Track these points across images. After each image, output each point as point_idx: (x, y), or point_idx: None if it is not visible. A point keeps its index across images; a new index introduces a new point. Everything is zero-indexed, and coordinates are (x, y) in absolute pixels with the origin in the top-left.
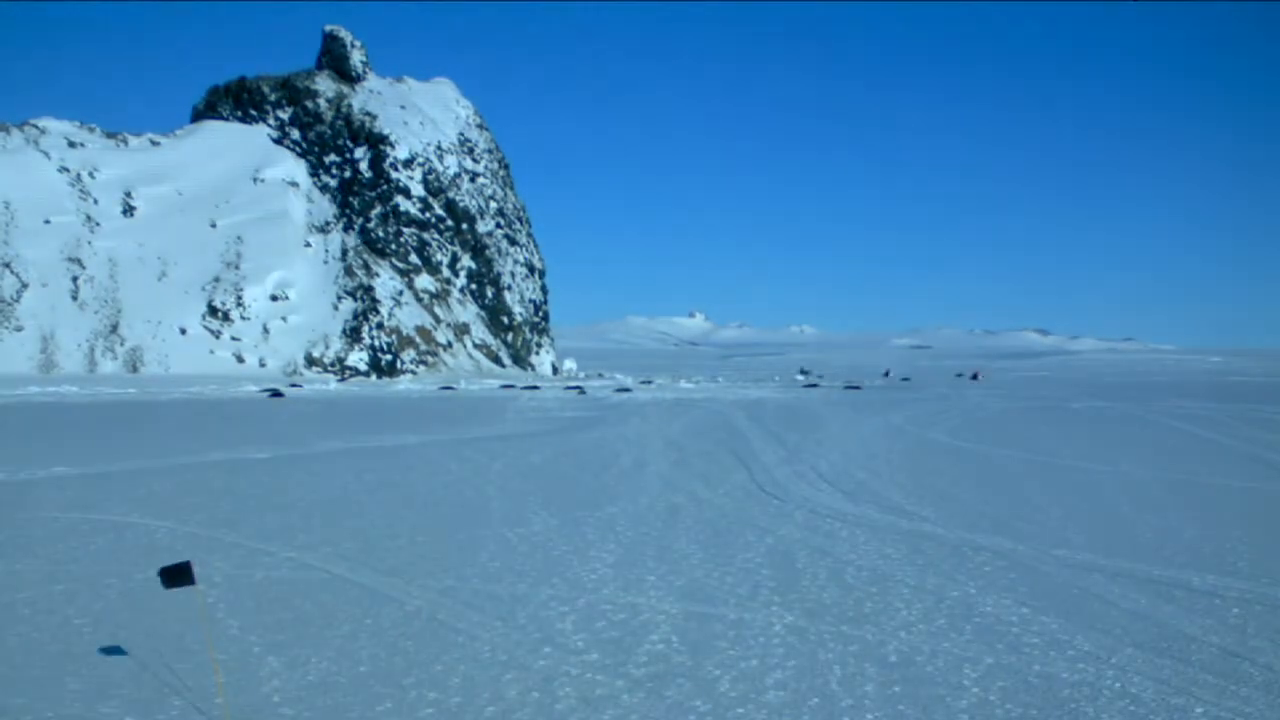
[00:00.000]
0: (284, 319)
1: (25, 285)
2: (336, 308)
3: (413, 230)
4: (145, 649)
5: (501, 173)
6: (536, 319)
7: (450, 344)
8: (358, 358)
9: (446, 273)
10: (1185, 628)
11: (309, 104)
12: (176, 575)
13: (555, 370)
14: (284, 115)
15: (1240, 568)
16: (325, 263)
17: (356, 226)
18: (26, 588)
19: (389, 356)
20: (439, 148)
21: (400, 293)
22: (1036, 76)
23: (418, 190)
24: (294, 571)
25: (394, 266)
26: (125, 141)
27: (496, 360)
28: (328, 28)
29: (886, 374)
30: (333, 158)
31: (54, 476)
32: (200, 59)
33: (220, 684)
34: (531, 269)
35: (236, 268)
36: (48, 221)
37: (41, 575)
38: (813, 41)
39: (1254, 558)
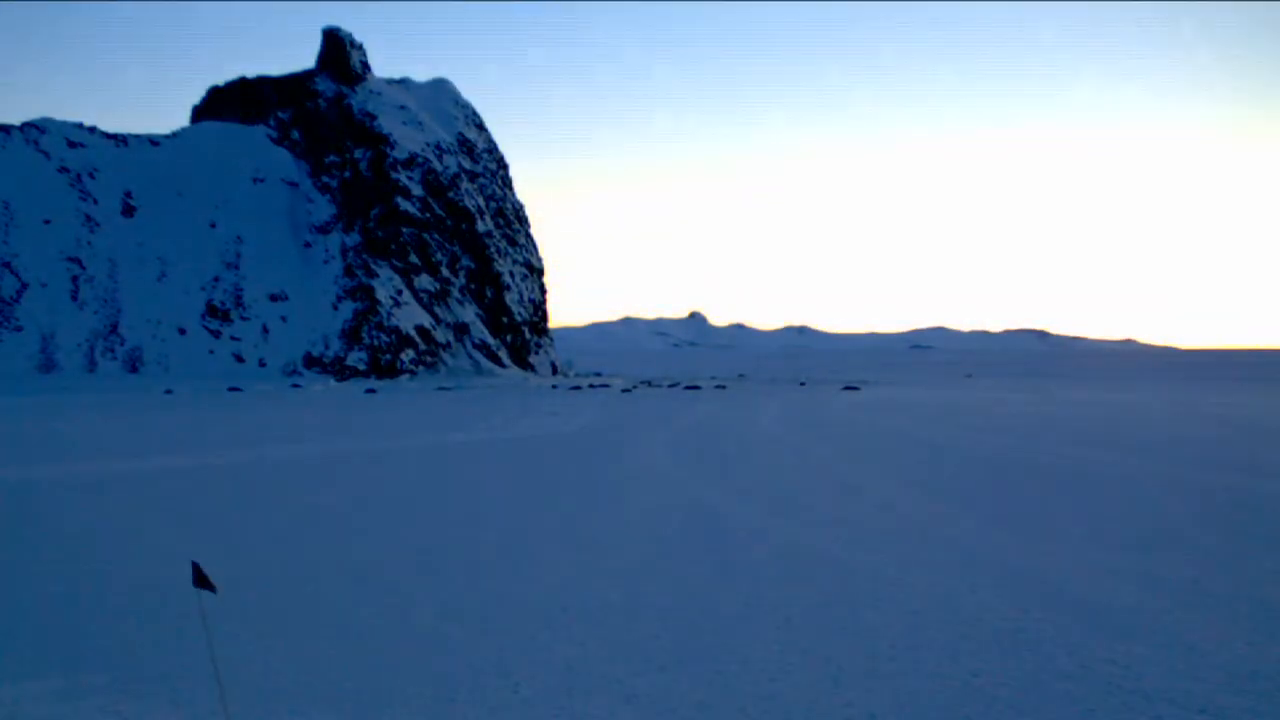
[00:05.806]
0: (283, 319)
1: (25, 285)
2: (336, 308)
3: (412, 230)
4: (146, 649)
5: (500, 173)
6: (536, 319)
7: (450, 344)
8: (357, 358)
9: (446, 273)
10: (1185, 626)
11: (309, 104)
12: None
13: (555, 370)
14: (284, 115)
15: (1242, 567)
16: (325, 263)
17: (356, 227)
18: (29, 588)
19: (388, 356)
20: (438, 148)
21: (399, 292)
22: (1037, 75)
23: (417, 190)
24: (297, 572)
25: (393, 266)
26: (125, 142)
27: (496, 360)
28: (328, 28)
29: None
30: (332, 158)
31: (56, 477)
32: (200, 59)
33: (220, 685)
34: (531, 269)
35: (236, 268)
36: (48, 221)
37: (45, 576)
38: (814, 38)
39: (1256, 558)
